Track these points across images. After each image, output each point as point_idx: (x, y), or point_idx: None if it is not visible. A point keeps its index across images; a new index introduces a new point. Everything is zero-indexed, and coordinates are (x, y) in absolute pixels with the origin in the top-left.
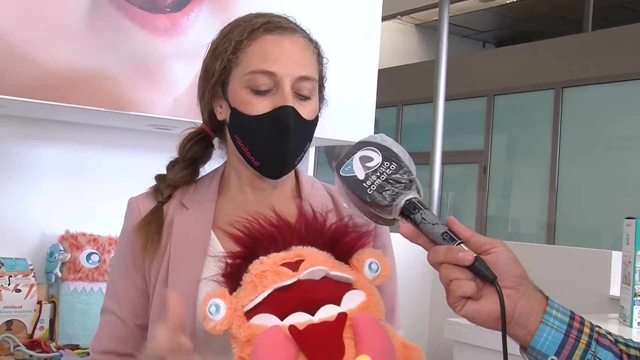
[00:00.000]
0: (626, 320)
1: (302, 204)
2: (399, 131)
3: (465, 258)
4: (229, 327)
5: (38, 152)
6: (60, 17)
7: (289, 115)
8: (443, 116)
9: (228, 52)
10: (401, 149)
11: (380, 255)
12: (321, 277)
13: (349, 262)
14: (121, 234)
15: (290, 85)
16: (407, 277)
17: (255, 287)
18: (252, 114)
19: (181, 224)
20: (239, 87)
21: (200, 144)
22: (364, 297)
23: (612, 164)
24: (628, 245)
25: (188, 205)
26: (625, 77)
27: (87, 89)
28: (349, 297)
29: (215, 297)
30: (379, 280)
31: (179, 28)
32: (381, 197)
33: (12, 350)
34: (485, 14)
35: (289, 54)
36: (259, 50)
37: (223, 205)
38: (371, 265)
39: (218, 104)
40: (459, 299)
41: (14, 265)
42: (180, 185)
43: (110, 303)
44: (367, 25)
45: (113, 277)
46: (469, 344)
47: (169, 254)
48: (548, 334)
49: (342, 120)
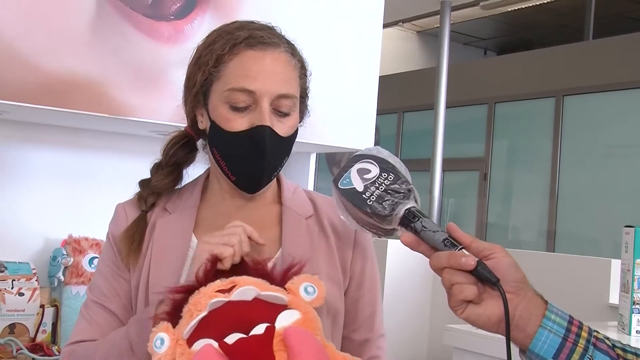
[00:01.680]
0: (625, 328)
1: (283, 210)
2: (399, 138)
3: (468, 263)
4: (173, 357)
5: (41, 157)
6: (65, 24)
7: (265, 135)
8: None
9: (210, 65)
10: (397, 160)
11: (317, 279)
12: (253, 297)
13: (284, 287)
14: (108, 237)
15: (269, 102)
16: (406, 285)
17: (191, 314)
18: (230, 130)
19: (163, 229)
20: (218, 101)
21: (184, 148)
22: (299, 315)
23: (612, 172)
24: (627, 253)
25: (170, 209)
26: (625, 85)
27: (91, 95)
28: (283, 316)
29: (159, 331)
30: (317, 303)
31: (183, 36)
32: (381, 207)
33: (14, 353)
34: (486, 21)
35: (270, 71)
36: (239, 67)
37: (204, 210)
38: (307, 289)
39: (200, 112)
40: (460, 303)
41: (17, 269)
42: (164, 193)
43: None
44: (368, 32)
45: (100, 274)
46: (468, 351)
47: (150, 257)
48: (546, 338)
49: (343, 127)
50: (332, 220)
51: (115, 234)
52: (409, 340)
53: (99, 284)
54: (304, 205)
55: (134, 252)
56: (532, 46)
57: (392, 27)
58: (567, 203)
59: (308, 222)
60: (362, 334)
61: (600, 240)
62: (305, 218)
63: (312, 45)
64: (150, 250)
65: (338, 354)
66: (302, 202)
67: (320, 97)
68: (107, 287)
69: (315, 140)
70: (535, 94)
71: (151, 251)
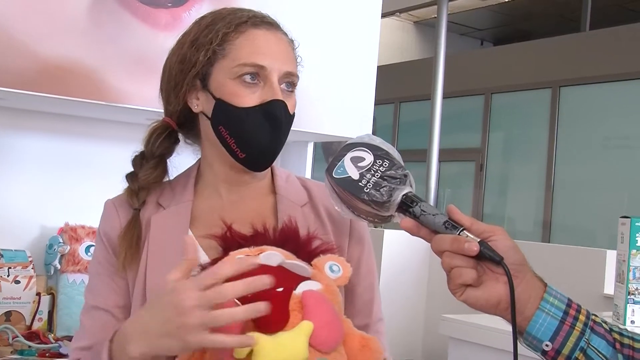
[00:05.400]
0: (620, 319)
1: (278, 199)
2: (396, 128)
3: (471, 248)
4: None
5: (37, 145)
6: (62, 10)
7: (281, 109)
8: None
9: (214, 43)
10: (390, 146)
11: (343, 260)
12: (277, 263)
13: (310, 263)
14: (99, 235)
15: (277, 79)
16: (402, 274)
17: None
18: (241, 105)
19: (158, 225)
20: (226, 78)
21: (169, 138)
22: (320, 286)
23: (609, 163)
24: (623, 244)
25: (164, 204)
26: (622, 76)
27: (87, 82)
28: (304, 285)
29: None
30: (340, 282)
31: (180, 23)
32: (379, 194)
33: (10, 341)
34: (483, 12)
35: (277, 49)
36: (247, 43)
37: (199, 204)
38: (332, 267)
39: (194, 95)
40: (460, 286)
41: (13, 257)
42: (153, 187)
43: (93, 299)
44: (366, 22)
45: (94, 275)
46: (463, 341)
47: (146, 255)
48: (544, 320)
49: (341, 117)
50: (327, 207)
51: (109, 234)
52: (405, 329)
53: (96, 286)
54: (298, 193)
55: (132, 255)
56: (529, 37)
57: (389, 17)
58: (563, 194)
59: (303, 210)
60: (361, 319)
61: (596, 231)
62: (301, 206)
63: (310, 35)
64: (146, 248)
65: (354, 329)
66: (296, 190)
67: (318, 87)
68: (104, 288)
69: (313, 129)
70: (531, 85)
71: (147, 249)
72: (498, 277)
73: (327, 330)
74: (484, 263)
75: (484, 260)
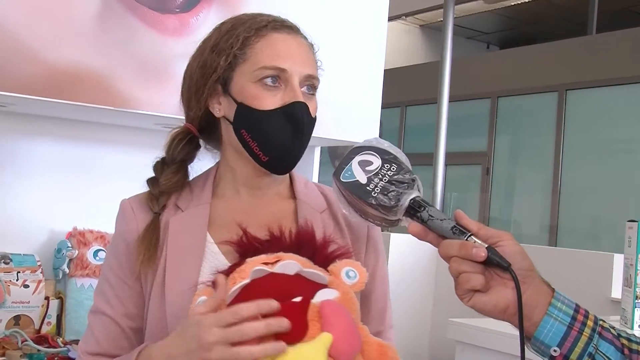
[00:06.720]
0: (627, 323)
1: (298, 204)
2: (402, 132)
3: (479, 254)
4: None
5: (46, 150)
6: (70, 16)
7: (303, 110)
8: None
9: (234, 47)
10: (398, 150)
11: (359, 265)
12: (295, 272)
13: (327, 269)
14: (116, 236)
15: (298, 81)
16: (409, 279)
17: (234, 281)
18: (262, 108)
19: (177, 228)
20: (247, 82)
21: (190, 144)
22: (338, 294)
23: (615, 167)
24: (630, 248)
25: (182, 206)
26: (629, 80)
27: (96, 87)
28: (322, 293)
29: (202, 294)
30: (357, 288)
31: (188, 28)
32: (386, 198)
33: (19, 344)
34: (489, 15)
35: (297, 53)
36: (268, 47)
37: (217, 206)
38: (349, 273)
39: (216, 100)
40: (467, 292)
41: (22, 261)
42: (174, 192)
43: (102, 304)
44: (373, 26)
45: (106, 277)
46: (471, 344)
47: (165, 257)
48: (552, 326)
49: (347, 121)
50: (345, 214)
51: (126, 236)
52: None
53: (107, 291)
54: (317, 199)
55: (149, 258)
56: (535, 40)
57: (396, 21)
58: (570, 197)
59: (322, 216)
60: (374, 326)
61: (603, 235)
62: (320, 212)
63: (318, 38)
64: (165, 251)
65: (372, 337)
66: (315, 196)
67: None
68: (115, 294)
69: (320, 133)
70: (538, 89)
71: (166, 251)
72: (506, 283)
73: (346, 341)
74: (491, 268)
75: (492, 266)
